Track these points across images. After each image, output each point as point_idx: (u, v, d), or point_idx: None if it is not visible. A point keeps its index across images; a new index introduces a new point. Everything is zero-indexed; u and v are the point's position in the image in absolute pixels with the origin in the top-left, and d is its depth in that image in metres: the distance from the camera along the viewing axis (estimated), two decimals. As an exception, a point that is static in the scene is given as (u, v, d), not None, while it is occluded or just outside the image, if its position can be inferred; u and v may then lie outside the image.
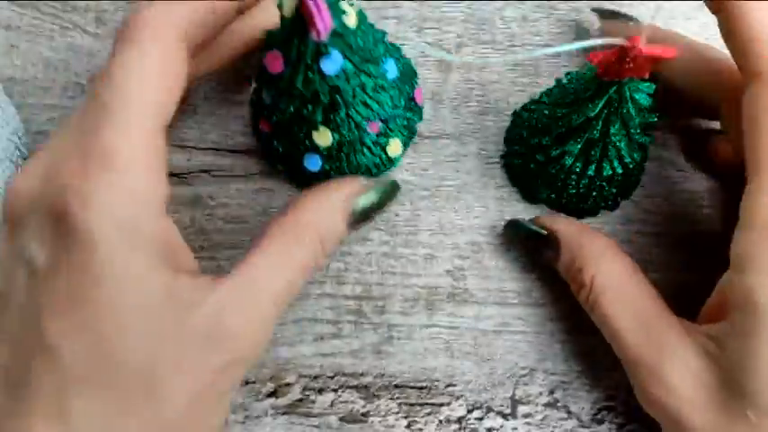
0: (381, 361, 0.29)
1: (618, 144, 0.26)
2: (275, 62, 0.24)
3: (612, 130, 0.26)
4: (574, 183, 0.28)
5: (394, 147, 0.29)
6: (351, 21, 0.24)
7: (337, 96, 0.25)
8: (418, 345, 0.30)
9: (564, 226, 0.28)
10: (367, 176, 0.29)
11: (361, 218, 0.27)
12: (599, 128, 0.26)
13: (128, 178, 0.21)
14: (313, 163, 0.28)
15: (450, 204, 0.31)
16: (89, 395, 0.20)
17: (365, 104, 0.26)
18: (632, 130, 0.26)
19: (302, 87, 0.24)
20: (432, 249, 0.30)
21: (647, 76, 0.24)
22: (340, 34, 0.24)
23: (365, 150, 0.29)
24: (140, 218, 0.21)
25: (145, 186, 0.21)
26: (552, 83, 0.29)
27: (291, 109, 0.26)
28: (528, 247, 0.30)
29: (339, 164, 0.28)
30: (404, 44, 0.32)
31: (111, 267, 0.20)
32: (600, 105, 0.25)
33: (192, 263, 0.23)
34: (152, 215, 0.21)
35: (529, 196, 0.31)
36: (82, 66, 0.32)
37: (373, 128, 0.28)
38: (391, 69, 0.27)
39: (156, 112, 0.22)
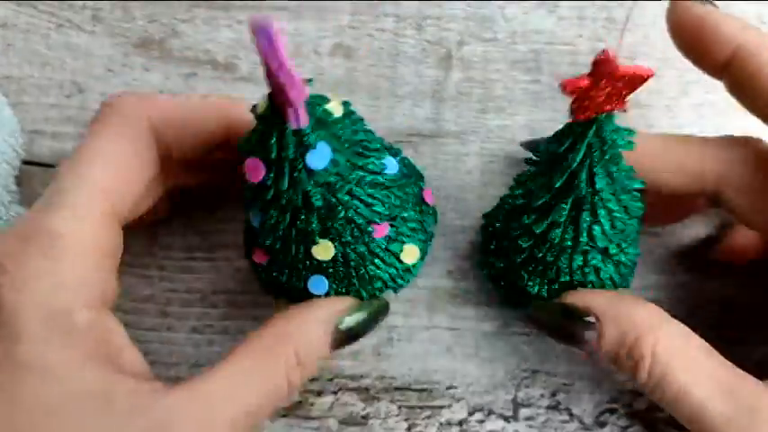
0: (381, 363, 0.29)
1: (606, 201, 0.23)
2: (255, 169, 0.21)
3: (599, 185, 0.22)
4: (566, 264, 0.25)
5: (409, 253, 0.26)
6: (336, 109, 0.22)
7: (331, 197, 0.22)
8: (419, 346, 0.29)
9: (597, 297, 0.24)
10: (385, 292, 0.27)
11: (346, 338, 0.24)
12: (584, 179, 0.22)
13: (67, 267, 0.19)
14: (319, 285, 0.25)
15: (451, 204, 0.31)
16: None
17: (365, 204, 0.23)
18: (619, 185, 0.23)
19: (290, 190, 0.21)
20: (431, 249, 0.30)
21: (625, 107, 0.21)
22: (324, 122, 0.21)
23: (376, 261, 0.25)
24: (76, 311, 0.19)
25: (85, 278, 0.20)
26: (552, 81, 0.29)
27: (283, 223, 0.22)
28: (561, 336, 0.25)
29: (348, 281, 0.25)
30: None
31: (35, 360, 0.19)
32: (581, 153, 0.22)
33: (139, 366, 0.21)
34: (91, 310, 0.20)
35: (518, 300, 0.28)
36: (78, 64, 0.32)
37: (380, 232, 0.24)
38: (390, 165, 0.24)
39: (113, 201, 0.21)
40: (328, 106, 0.21)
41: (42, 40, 0.32)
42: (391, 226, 0.25)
